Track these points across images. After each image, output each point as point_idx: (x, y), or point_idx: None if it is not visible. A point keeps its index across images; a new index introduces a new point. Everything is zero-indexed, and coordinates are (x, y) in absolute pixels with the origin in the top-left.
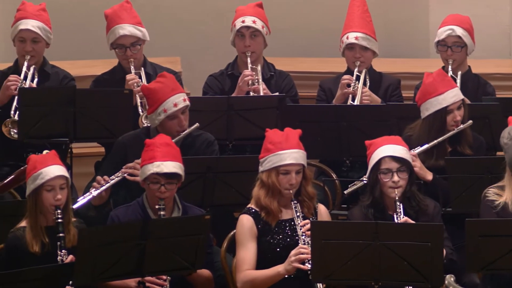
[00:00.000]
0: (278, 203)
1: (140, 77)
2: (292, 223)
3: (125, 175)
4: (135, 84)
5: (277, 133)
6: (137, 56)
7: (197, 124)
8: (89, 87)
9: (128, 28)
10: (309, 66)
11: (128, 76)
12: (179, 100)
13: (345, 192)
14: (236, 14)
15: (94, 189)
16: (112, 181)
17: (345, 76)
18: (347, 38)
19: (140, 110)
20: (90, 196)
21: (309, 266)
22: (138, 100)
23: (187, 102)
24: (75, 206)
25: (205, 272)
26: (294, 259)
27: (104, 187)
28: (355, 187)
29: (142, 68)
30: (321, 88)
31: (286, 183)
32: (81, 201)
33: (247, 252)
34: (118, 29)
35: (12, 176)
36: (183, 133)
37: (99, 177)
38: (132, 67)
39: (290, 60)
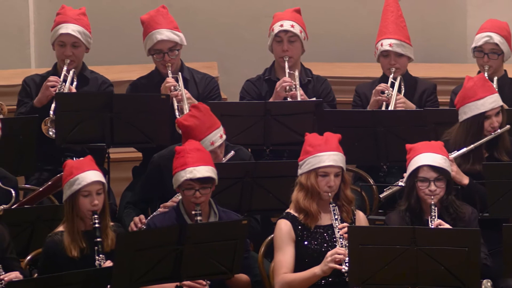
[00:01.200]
0: (317, 206)
1: (177, 81)
2: (331, 229)
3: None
4: (172, 87)
5: (316, 137)
6: (175, 61)
7: (232, 153)
8: (126, 91)
9: (166, 33)
10: (346, 71)
11: (167, 79)
12: (216, 138)
13: (381, 196)
14: (274, 19)
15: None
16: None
17: (381, 85)
18: (382, 45)
19: (177, 114)
20: None
21: (345, 267)
22: (175, 104)
23: (224, 137)
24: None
25: (243, 276)
26: (330, 259)
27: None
28: (390, 191)
29: (180, 73)
30: (357, 93)
31: (325, 185)
32: None
33: (285, 255)
34: (156, 34)
35: (49, 183)
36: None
37: (136, 218)
38: (170, 71)
39: (326, 65)
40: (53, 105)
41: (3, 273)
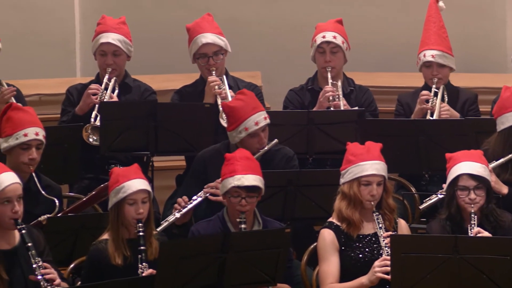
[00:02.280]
0: (360, 215)
1: (222, 82)
2: (373, 238)
3: (207, 195)
4: (217, 86)
5: (358, 146)
6: (219, 65)
7: (276, 141)
8: (171, 98)
9: (211, 37)
10: (388, 81)
11: (210, 78)
12: (260, 119)
13: (420, 207)
14: (317, 30)
15: (176, 211)
16: (194, 202)
17: (424, 92)
18: (424, 56)
19: (220, 108)
20: (173, 218)
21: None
22: (219, 101)
23: (268, 120)
24: (158, 229)
25: (284, 286)
26: (379, 270)
27: (186, 209)
28: (430, 202)
29: (224, 76)
30: (399, 103)
31: (367, 194)
32: (164, 224)
33: (330, 265)
34: (201, 37)
35: (93, 193)
36: (262, 150)
37: (180, 199)
38: (214, 75)
39: (368, 74)
40: (94, 112)
41: (42, 266)
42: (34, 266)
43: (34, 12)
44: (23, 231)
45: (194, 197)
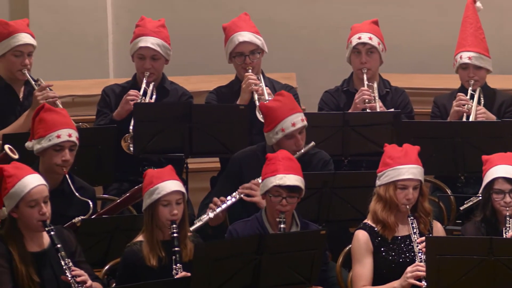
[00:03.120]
0: (395, 218)
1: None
2: (408, 240)
3: (242, 195)
4: (254, 83)
5: (396, 148)
6: (255, 64)
7: (312, 143)
8: (206, 97)
9: (248, 35)
10: (424, 83)
11: (247, 74)
12: (297, 120)
13: (461, 208)
14: (352, 31)
15: (211, 211)
16: (229, 202)
17: (460, 95)
18: (461, 57)
19: (257, 103)
20: (207, 218)
21: (425, 283)
22: (256, 97)
23: (305, 122)
24: (192, 228)
25: None
26: (411, 276)
27: (220, 209)
28: (471, 203)
29: (261, 75)
30: (436, 105)
31: (403, 198)
32: (198, 223)
33: (363, 268)
34: (238, 36)
35: (127, 195)
36: (299, 152)
37: (215, 198)
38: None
39: (404, 76)
40: (132, 121)
41: (73, 267)
42: (64, 267)
43: (67, 13)
44: (52, 233)
45: (229, 197)
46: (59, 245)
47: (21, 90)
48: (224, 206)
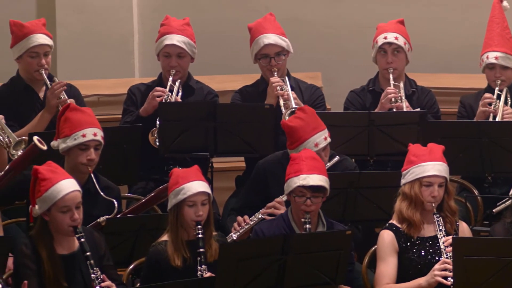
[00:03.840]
0: (420, 217)
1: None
2: (434, 240)
3: (265, 216)
4: (279, 87)
5: (420, 147)
6: (281, 66)
7: (337, 158)
8: (232, 97)
9: (273, 37)
10: (450, 82)
11: (272, 79)
12: (320, 140)
13: (494, 210)
14: (378, 30)
15: (234, 232)
16: (252, 223)
17: (486, 95)
18: (487, 57)
19: (282, 109)
20: (231, 240)
21: (451, 280)
22: (282, 102)
23: (328, 140)
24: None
25: None
26: (438, 273)
27: (244, 230)
28: (503, 205)
29: (286, 78)
30: (462, 104)
31: (428, 195)
32: None
33: (387, 266)
34: (263, 38)
35: (152, 194)
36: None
37: (239, 218)
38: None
39: (431, 76)
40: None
41: (100, 276)
42: (92, 276)
43: (93, 13)
44: (82, 240)
45: (252, 217)
46: (88, 253)
47: (41, 90)
48: (247, 227)
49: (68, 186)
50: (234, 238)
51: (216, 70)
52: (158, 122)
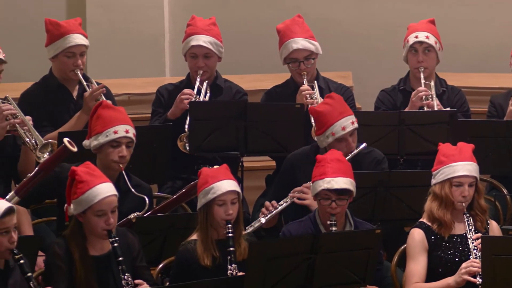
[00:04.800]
0: (451, 216)
1: (313, 89)
2: (464, 238)
3: (294, 199)
4: (308, 95)
5: (450, 147)
6: (310, 70)
7: (364, 144)
8: (261, 99)
9: (301, 42)
10: (480, 82)
11: (302, 87)
12: (347, 124)
13: None
14: (409, 30)
15: (262, 216)
16: (280, 207)
17: None
18: None
19: (312, 121)
20: (259, 224)
21: (480, 280)
22: None
23: (356, 125)
24: (243, 233)
25: None
26: (465, 272)
27: (272, 214)
28: None
29: (315, 82)
30: (492, 104)
31: (458, 195)
32: (250, 229)
33: (417, 265)
34: (291, 43)
35: (183, 191)
36: (351, 154)
37: (267, 203)
38: (305, 80)
39: (460, 75)
40: (188, 120)
41: (131, 282)
42: (123, 282)
43: (124, 12)
44: (115, 244)
45: (281, 202)
46: (121, 258)
47: (75, 89)
48: (276, 211)
49: (105, 190)
50: (262, 221)
51: (246, 69)
52: (186, 127)
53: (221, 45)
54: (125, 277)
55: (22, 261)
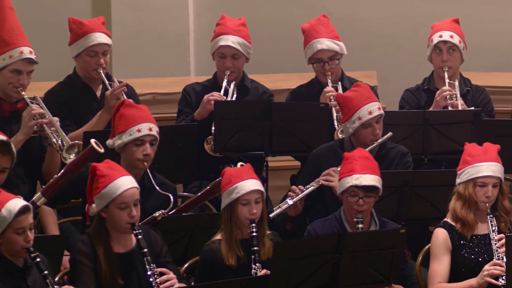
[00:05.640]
0: (474, 216)
1: (337, 91)
2: (487, 239)
3: (320, 182)
4: (332, 97)
5: (476, 147)
6: (334, 70)
7: (390, 134)
8: (286, 99)
9: (326, 42)
10: (504, 81)
11: (326, 89)
12: (374, 108)
13: None
14: (433, 29)
15: (289, 198)
16: (307, 190)
17: None
18: None
19: (335, 124)
20: (286, 205)
21: (502, 282)
22: (334, 114)
23: (382, 111)
24: (271, 215)
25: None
26: (487, 274)
27: (300, 196)
28: None
29: (340, 82)
30: None
31: (482, 195)
32: (277, 210)
33: (440, 265)
34: (316, 43)
35: (207, 188)
36: (377, 142)
37: (294, 186)
38: (330, 80)
39: (485, 75)
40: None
41: (157, 270)
42: (148, 273)
43: (149, 11)
44: (139, 236)
45: (308, 186)
46: (145, 250)
47: (98, 89)
48: (302, 194)
49: (126, 182)
50: (290, 203)
51: (272, 69)
52: (214, 129)
53: (250, 46)
54: (151, 267)
55: (38, 259)
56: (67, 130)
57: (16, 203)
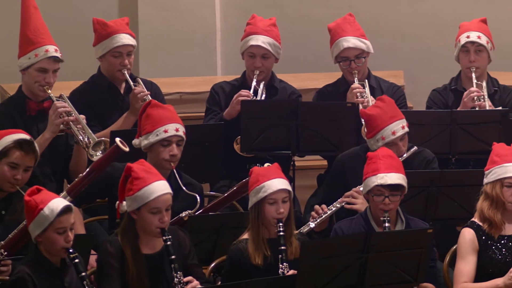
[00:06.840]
0: (502, 217)
1: (364, 88)
2: None
3: (343, 204)
4: (359, 94)
5: (504, 147)
6: (361, 68)
7: (415, 148)
8: (313, 98)
9: (352, 41)
10: None
11: (353, 85)
12: (398, 128)
13: None
14: (461, 29)
15: (312, 220)
16: (330, 212)
17: None
18: None
19: (363, 121)
20: (308, 228)
21: None
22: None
23: (406, 129)
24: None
25: (429, 286)
26: None
27: (322, 218)
28: None
29: (366, 80)
30: None
31: (510, 196)
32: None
33: (466, 264)
34: (342, 41)
35: (234, 188)
36: (401, 158)
37: (317, 206)
38: (356, 79)
39: None
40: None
41: (183, 279)
42: (175, 280)
43: (176, 11)
44: (168, 243)
45: (331, 206)
46: (173, 256)
47: (122, 87)
48: (325, 216)
49: (161, 188)
50: (312, 226)
51: (299, 68)
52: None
53: (280, 46)
54: (177, 275)
55: (77, 260)
56: (92, 130)
57: (59, 202)
